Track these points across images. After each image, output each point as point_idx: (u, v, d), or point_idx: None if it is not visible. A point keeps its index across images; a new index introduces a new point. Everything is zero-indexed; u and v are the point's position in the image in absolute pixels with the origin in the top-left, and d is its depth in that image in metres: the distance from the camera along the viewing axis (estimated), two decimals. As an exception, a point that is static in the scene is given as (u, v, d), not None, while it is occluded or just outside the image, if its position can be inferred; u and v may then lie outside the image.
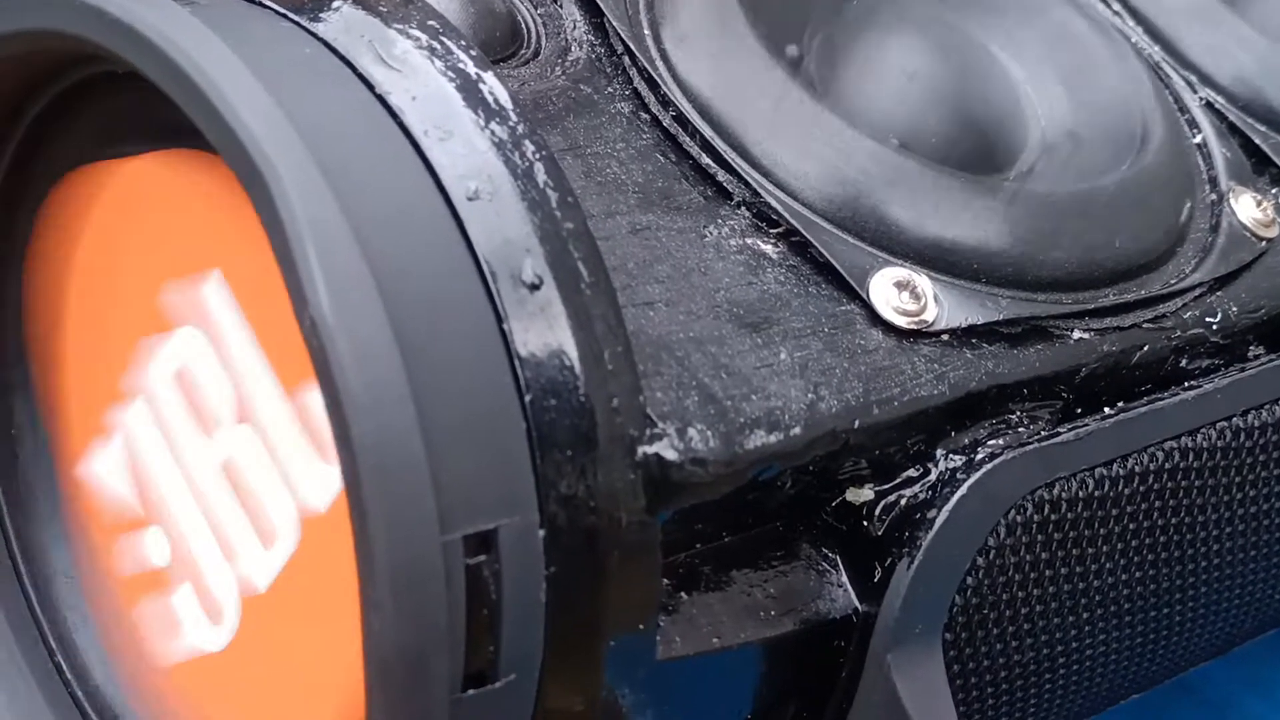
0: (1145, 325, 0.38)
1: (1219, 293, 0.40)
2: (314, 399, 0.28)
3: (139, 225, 0.32)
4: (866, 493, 0.34)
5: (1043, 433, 0.35)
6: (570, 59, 0.37)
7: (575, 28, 0.38)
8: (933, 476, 0.34)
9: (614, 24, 0.38)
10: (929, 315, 0.35)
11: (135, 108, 0.32)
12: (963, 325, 0.35)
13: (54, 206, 0.34)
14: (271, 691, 0.31)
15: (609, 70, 0.37)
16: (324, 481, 0.29)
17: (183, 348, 0.31)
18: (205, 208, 0.30)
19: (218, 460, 0.31)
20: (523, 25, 0.38)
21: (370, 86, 0.29)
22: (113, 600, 0.35)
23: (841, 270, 0.35)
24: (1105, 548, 0.37)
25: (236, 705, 0.32)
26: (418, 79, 0.29)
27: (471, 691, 0.27)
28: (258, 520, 0.30)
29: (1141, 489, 0.37)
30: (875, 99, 0.38)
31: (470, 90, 0.29)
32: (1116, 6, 0.46)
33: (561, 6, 0.38)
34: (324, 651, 0.29)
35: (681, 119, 0.36)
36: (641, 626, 0.29)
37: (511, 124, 0.29)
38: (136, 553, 0.34)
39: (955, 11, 0.41)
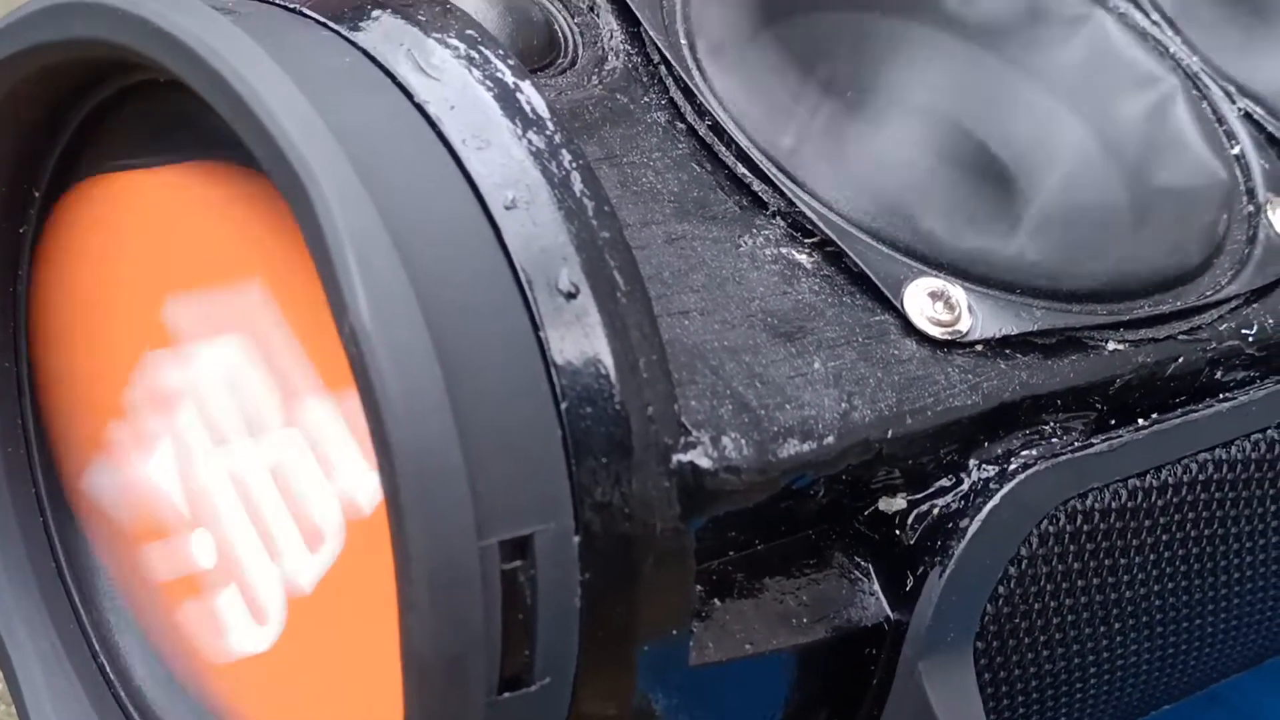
0: (1180, 337, 0.38)
1: (1255, 305, 0.40)
2: (358, 403, 0.29)
3: (147, 237, 0.32)
4: (899, 502, 0.34)
5: (1076, 443, 0.35)
6: (607, 68, 0.37)
7: (612, 37, 0.38)
8: (965, 486, 0.34)
9: (650, 34, 0.38)
10: (963, 325, 0.35)
11: (164, 118, 0.32)
12: (997, 336, 0.35)
13: (65, 213, 0.34)
14: (316, 692, 0.31)
15: (645, 80, 0.37)
16: (369, 485, 0.29)
17: (221, 354, 0.32)
18: (240, 217, 0.30)
19: (264, 464, 0.31)
20: (560, 34, 0.38)
21: (409, 95, 0.29)
22: (155, 603, 0.36)
23: (876, 280, 0.35)
24: (1138, 558, 0.37)
25: (281, 705, 0.32)
26: (456, 88, 0.29)
27: (507, 694, 0.27)
28: (304, 523, 0.31)
29: (1175, 500, 0.37)
30: (904, 122, 0.39)
31: (508, 99, 0.29)
32: (1155, 17, 0.46)
33: (598, 16, 0.39)
34: (369, 653, 0.29)
35: (717, 128, 0.36)
36: (675, 632, 0.29)
37: (549, 133, 0.29)
38: (177, 557, 0.34)
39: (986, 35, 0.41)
